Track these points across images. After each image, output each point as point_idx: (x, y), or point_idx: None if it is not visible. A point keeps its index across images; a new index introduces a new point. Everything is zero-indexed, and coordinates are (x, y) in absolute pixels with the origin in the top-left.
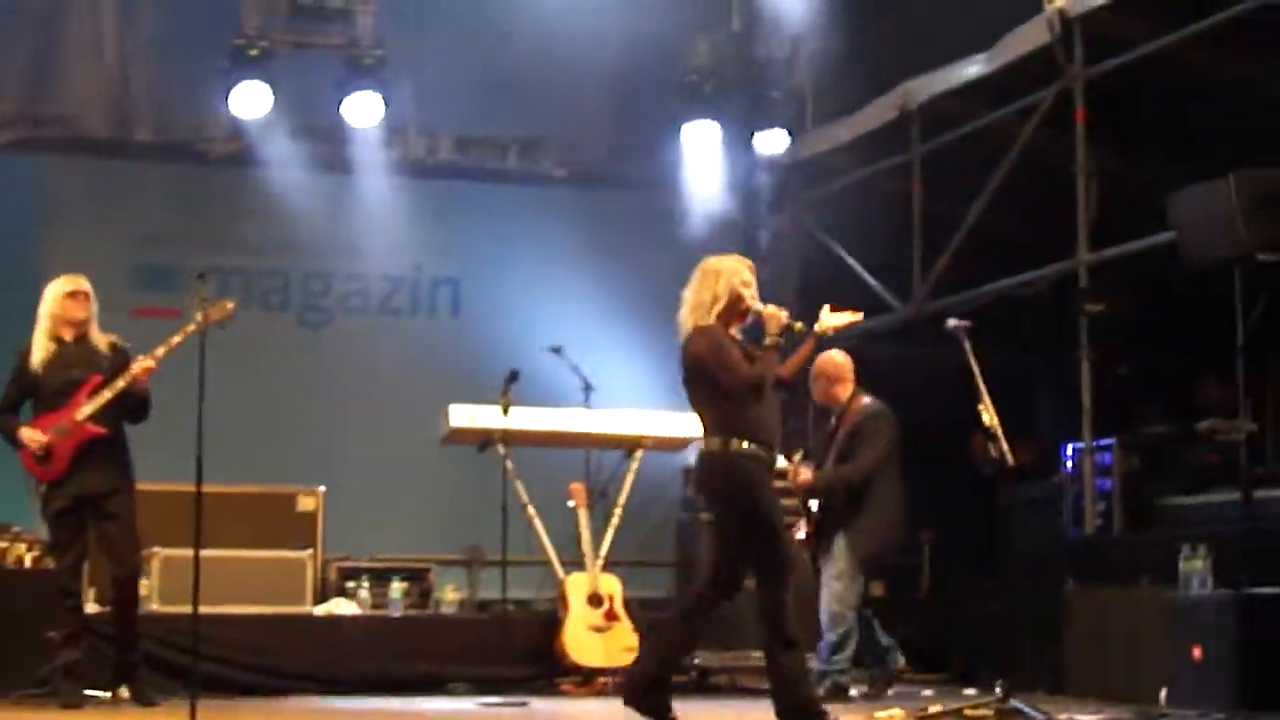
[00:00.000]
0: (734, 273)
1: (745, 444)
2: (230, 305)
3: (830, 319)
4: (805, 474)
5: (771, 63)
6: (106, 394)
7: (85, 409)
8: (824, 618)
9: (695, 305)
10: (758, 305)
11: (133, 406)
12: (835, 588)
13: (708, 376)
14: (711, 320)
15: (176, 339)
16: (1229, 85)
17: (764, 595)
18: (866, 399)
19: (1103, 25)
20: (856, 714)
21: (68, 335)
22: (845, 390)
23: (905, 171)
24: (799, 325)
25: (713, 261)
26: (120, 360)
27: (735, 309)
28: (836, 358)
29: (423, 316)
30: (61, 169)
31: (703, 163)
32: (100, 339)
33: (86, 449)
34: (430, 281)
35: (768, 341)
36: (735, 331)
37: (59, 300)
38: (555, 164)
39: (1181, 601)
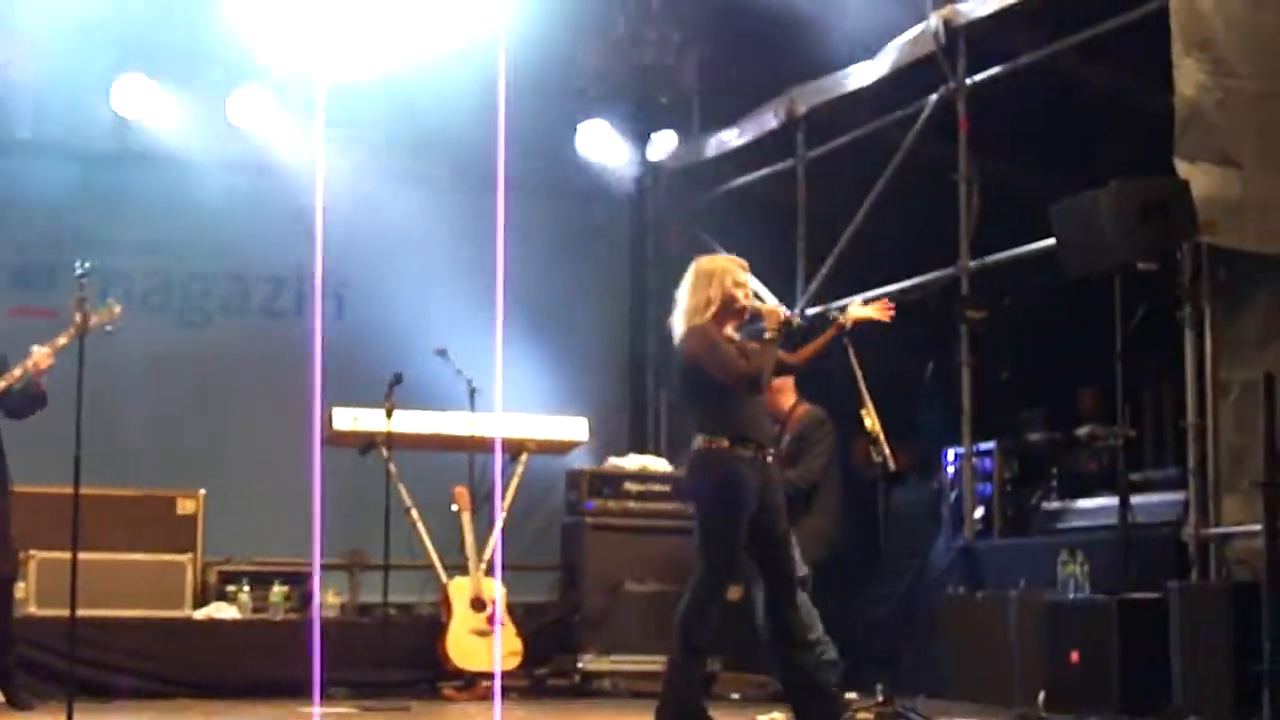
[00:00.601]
0: (726, 273)
1: (728, 442)
2: (118, 309)
3: (858, 310)
4: None
5: (659, 67)
6: None
7: None
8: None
9: (690, 308)
10: (754, 304)
11: (28, 400)
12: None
13: (701, 375)
14: (706, 321)
15: (62, 340)
16: (1110, 95)
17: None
18: (806, 406)
19: (986, 34)
20: (738, 716)
21: None
22: (788, 399)
23: (791, 177)
24: (797, 320)
25: (705, 262)
26: None
27: (730, 309)
28: None
29: (306, 318)
30: None
31: (591, 166)
32: None
33: None
34: (311, 282)
35: (767, 337)
36: (732, 331)
37: None
38: (442, 166)
39: (1059, 606)
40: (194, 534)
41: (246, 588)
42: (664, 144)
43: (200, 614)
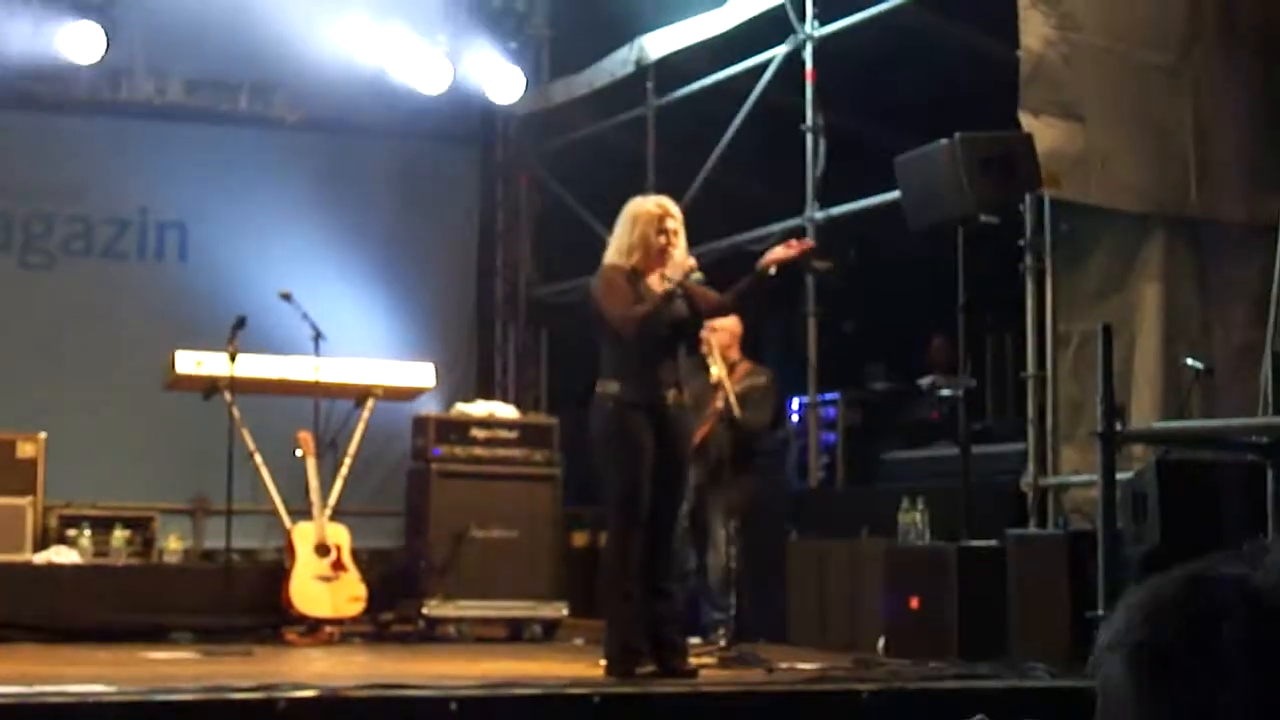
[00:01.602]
0: (647, 218)
1: (618, 387)
2: None
3: (771, 254)
4: None
5: (509, 12)
6: None
7: None
8: (716, 573)
9: (614, 249)
10: (671, 250)
11: None
12: (720, 541)
13: (598, 318)
14: (627, 263)
15: None
16: (952, 47)
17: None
18: (750, 364)
19: None
20: (581, 664)
21: None
22: (737, 351)
23: (641, 125)
24: (698, 273)
25: (632, 205)
26: None
27: (651, 253)
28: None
29: (149, 261)
30: None
31: (438, 110)
32: None
33: None
34: (156, 225)
35: (664, 287)
36: (658, 278)
37: None
38: (288, 109)
39: (899, 552)
40: (34, 477)
41: (88, 532)
42: (513, 90)
43: (40, 558)
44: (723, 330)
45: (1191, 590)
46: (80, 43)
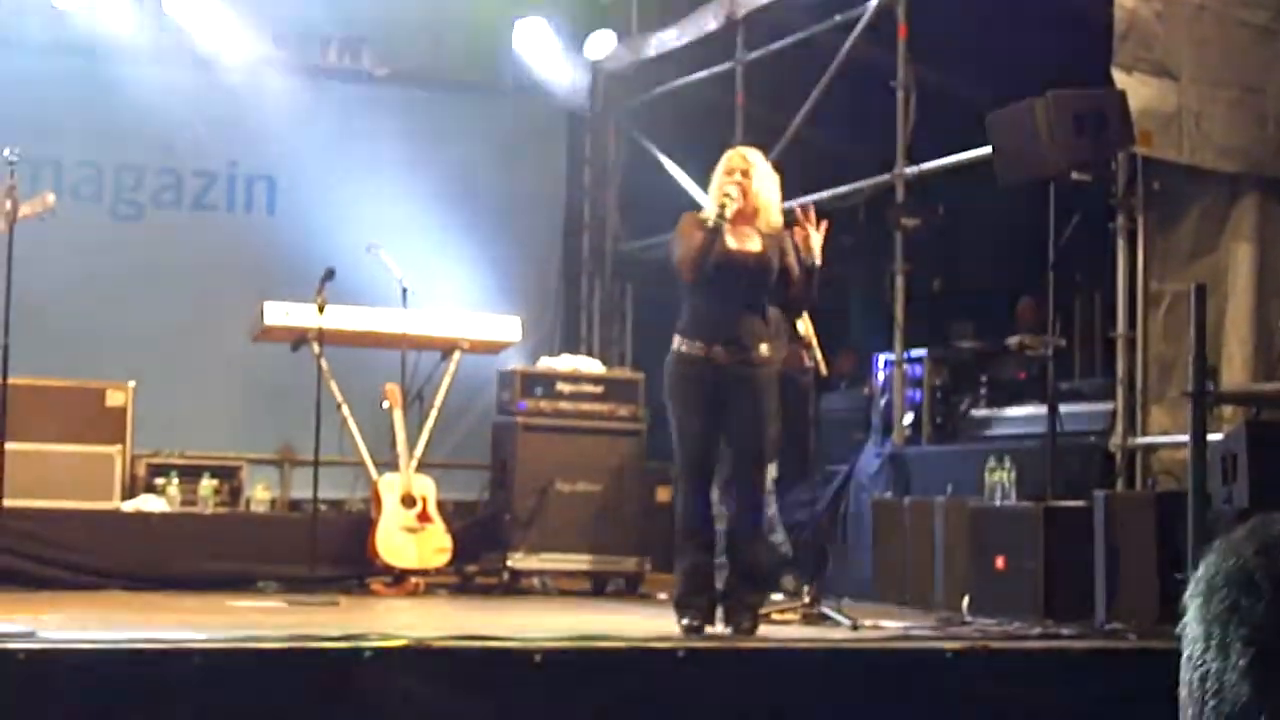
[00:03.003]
0: (722, 168)
1: (678, 339)
2: (50, 198)
3: (812, 243)
4: None
5: None
6: None
7: None
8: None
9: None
10: (723, 198)
11: None
12: None
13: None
14: (706, 214)
15: None
16: (1045, 2)
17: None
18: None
19: None
20: (665, 619)
21: None
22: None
23: (730, 80)
24: (713, 219)
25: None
26: None
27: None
28: None
29: (238, 213)
30: None
31: (528, 64)
32: None
33: None
34: (245, 178)
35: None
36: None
37: None
38: (376, 62)
39: (985, 512)
40: (123, 426)
41: (175, 481)
42: (602, 44)
43: (129, 506)
44: None
45: (1265, 534)
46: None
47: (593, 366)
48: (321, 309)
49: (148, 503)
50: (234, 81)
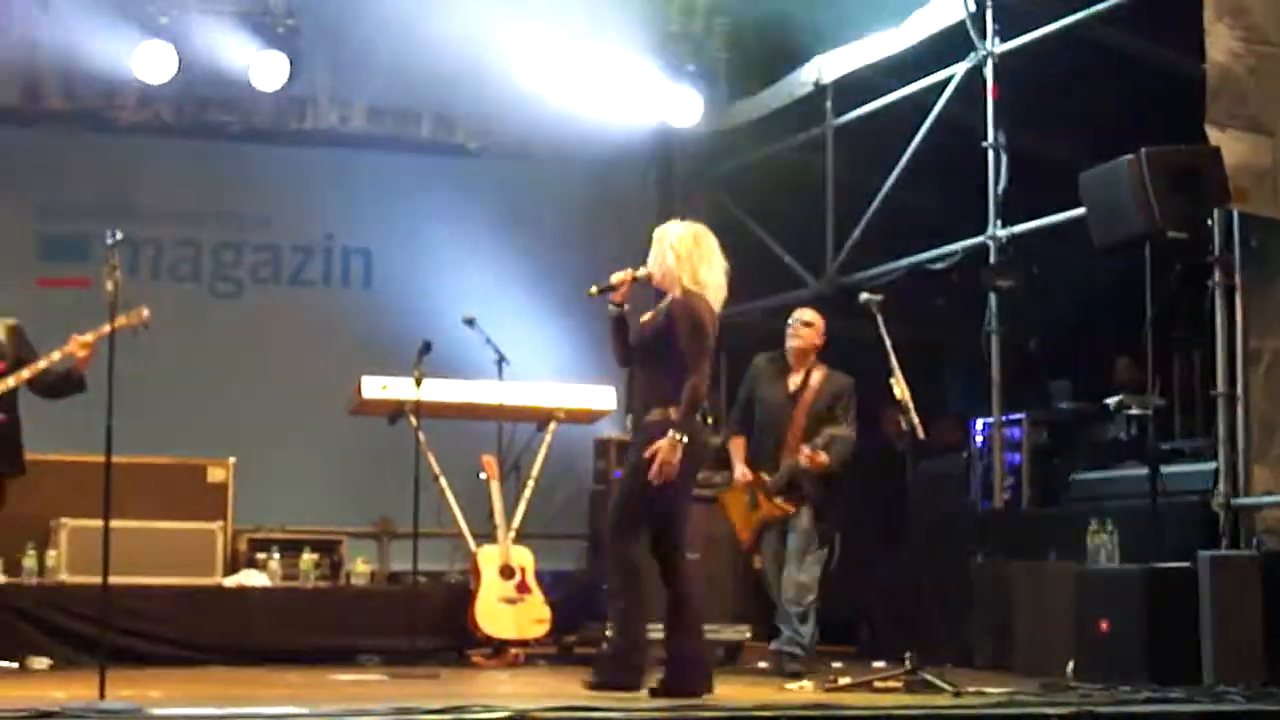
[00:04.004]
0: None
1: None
2: (146, 313)
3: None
4: (822, 458)
5: (686, 36)
6: (9, 381)
7: None
8: (792, 591)
9: None
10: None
11: (67, 385)
12: (808, 561)
13: None
14: None
15: (106, 328)
16: (1141, 62)
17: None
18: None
19: (1015, 1)
20: (765, 687)
21: None
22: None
23: (819, 144)
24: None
25: None
26: (22, 345)
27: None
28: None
29: (334, 287)
30: None
31: (616, 135)
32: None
33: None
34: (342, 252)
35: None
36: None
37: None
38: (469, 136)
39: (1088, 575)
40: (224, 502)
41: (276, 555)
42: (692, 111)
43: (231, 581)
44: (815, 329)
45: None
46: (266, 72)
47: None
48: (419, 382)
49: (249, 578)
50: (330, 157)
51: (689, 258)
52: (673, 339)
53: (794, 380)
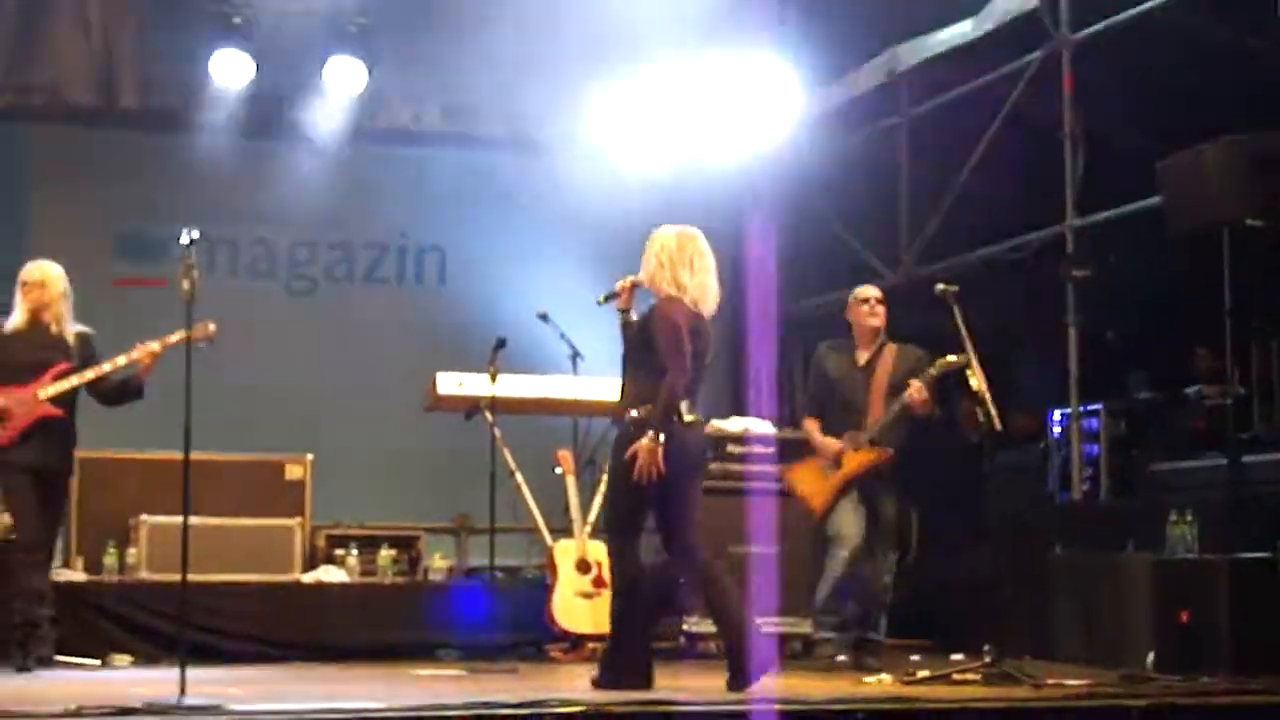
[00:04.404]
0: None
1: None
2: (212, 327)
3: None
4: (928, 395)
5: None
6: (73, 380)
7: (49, 389)
8: (876, 575)
9: None
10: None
11: (125, 393)
12: (889, 554)
13: None
14: None
15: (173, 339)
16: (1216, 48)
17: None
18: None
19: None
20: (842, 680)
21: (37, 318)
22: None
23: (893, 135)
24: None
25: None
26: (88, 351)
27: None
28: None
29: (409, 284)
30: (46, 137)
31: (690, 126)
32: (69, 329)
33: (41, 426)
34: (416, 249)
35: None
36: None
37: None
38: (540, 131)
39: (1168, 566)
40: (302, 498)
41: (354, 551)
42: (764, 102)
43: (309, 578)
44: (884, 305)
45: None
46: (342, 74)
47: (763, 428)
48: (494, 378)
49: (328, 574)
50: (403, 154)
51: (670, 263)
52: (652, 342)
53: (863, 356)
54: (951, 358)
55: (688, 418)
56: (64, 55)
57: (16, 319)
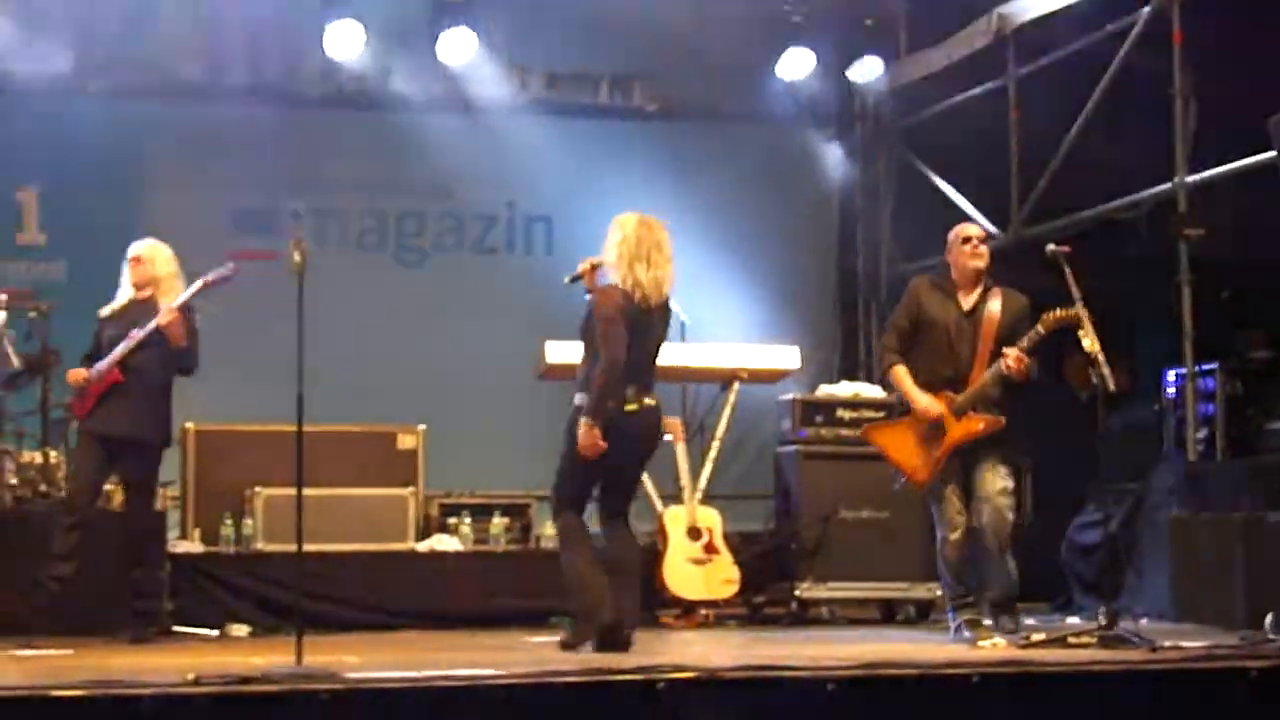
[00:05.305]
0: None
1: None
2: (232, 265)
3: None
4: (1028, 361)
5: None
6: (124, 345)
7: (111, 357)
8: (995, 538)
9: None
10: None
11: (169, 356)
12: (1007, 502)
13: None
14: None
15: (186, 295)
16: None
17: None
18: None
19: None
20: (957, 644)
21: (141, 295)
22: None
23: (1001, 96)
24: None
25: None
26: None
27: None
28: None
29: (517, 254)
30: (157, 114)
31: (797, 92)
32: (165, 301)
33: (110, 395)
34: (524, 219)
35: None
36: None
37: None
38: (647, 98)
39: None
40: (415, 468)
41: (467, 520)
42: (869, 67)
43: (423, 546)
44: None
45: None
46: (451, 44)
47: (873, 392)
48: None
49: (441, 542)
50: (510, 124)
51: (628, 256)
52: (592, 328)
53: (967, 300)
54: (1059, 312)
55: (629, 406)
56: (172, 32)
57: (120, 298)
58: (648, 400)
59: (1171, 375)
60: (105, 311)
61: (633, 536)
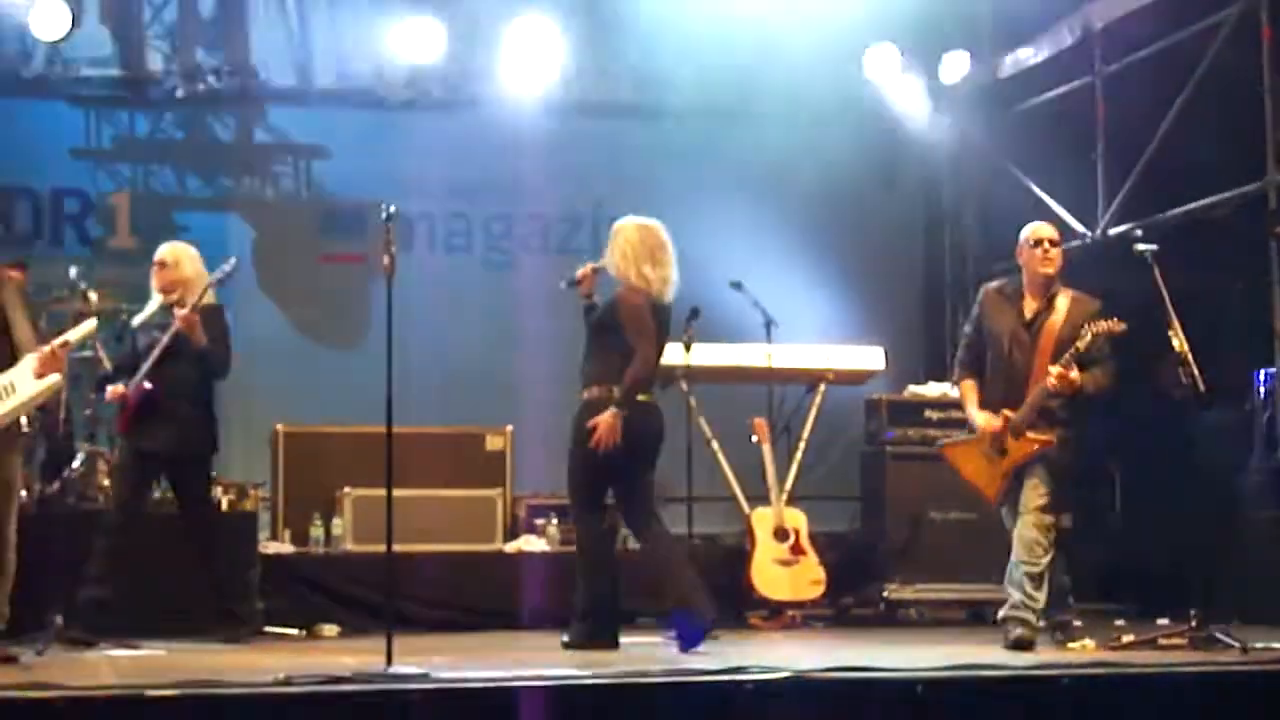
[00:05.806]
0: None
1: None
2: (234, 260)
3: None
4: (1074, 375)
5: None
6: (153, 354)
7: (143, 368)
8: (1025, 545)
9: None
10: None
11: (195, 360)
12: (1037, 520)
13: None
14: None
15: (190, 301)
16: None
17: None
18: (1071, 290)
19: None
20: (1046, 646)
21: (169, 300)
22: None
23: (1088, 94)
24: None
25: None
26: (213, 325)
27: None
28: None
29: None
30: (246, 118)
31: (883, 90)
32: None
33: (146, 406)
34: (610, 220)
35: None
36: None
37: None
38: (731, 99)
39: None
40: (503, 469)
41: (554, 520)
42: (956, 66)
43: (511, 547)
44: (1060, 247)
45: None
46: (535, 46)
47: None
48: (688, 347)
49: (529, 543)
50: (594, 125)
51: (634, 257)
52: (613, 326)
53: (1030, 307)
54: (1102, 324)
55: (643, 397)
56: (261, 37)
57: (150, 305)
58: (653, 397)
59: (1262, 375)
60: (137, 320)
61: (666, 530)
